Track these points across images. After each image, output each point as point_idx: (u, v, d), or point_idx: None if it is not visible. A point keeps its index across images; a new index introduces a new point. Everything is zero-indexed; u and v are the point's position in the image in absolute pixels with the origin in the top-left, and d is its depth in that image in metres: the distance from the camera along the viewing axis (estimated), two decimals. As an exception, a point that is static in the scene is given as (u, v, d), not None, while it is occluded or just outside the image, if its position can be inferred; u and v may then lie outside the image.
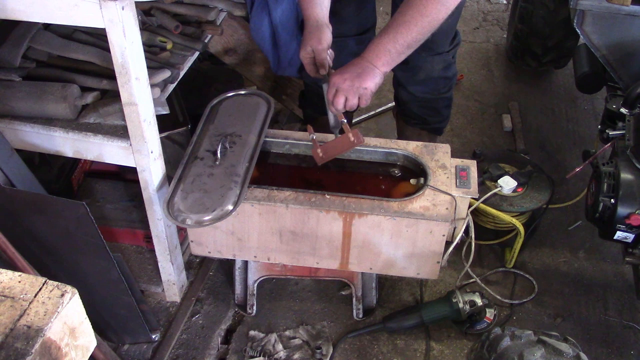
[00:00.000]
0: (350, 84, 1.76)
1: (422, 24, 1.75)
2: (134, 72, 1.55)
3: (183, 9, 2.05)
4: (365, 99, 1.80)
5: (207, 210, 1.70)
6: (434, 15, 1.74)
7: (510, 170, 2.24)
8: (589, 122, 3.02)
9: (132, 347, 2.05)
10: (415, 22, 1.75)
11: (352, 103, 1.79)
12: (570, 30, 2.38)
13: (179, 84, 1.89)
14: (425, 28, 1.76)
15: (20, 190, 1.67)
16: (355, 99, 1.78)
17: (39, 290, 0.94)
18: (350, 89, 1.77)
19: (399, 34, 1.76)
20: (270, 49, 2.18)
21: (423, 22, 1.74)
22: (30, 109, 1.75)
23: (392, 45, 1.76)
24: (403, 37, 1.75)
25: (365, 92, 1.78)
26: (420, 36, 1.77)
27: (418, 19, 1.74)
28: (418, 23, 1.74)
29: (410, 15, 1.75)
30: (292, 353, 2.03)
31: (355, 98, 1.78)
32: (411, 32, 1.75)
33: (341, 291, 2.23)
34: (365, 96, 1.79)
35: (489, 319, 2.05)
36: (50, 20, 1.58)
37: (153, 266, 2.15)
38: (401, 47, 1.77)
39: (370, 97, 1.81)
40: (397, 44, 1.76)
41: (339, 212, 1.79)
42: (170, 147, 2.15)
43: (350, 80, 1.76)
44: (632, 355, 2.05)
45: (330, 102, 1.81)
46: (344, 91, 1.77)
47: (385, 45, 1.77)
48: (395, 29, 1.76)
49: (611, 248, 2.37)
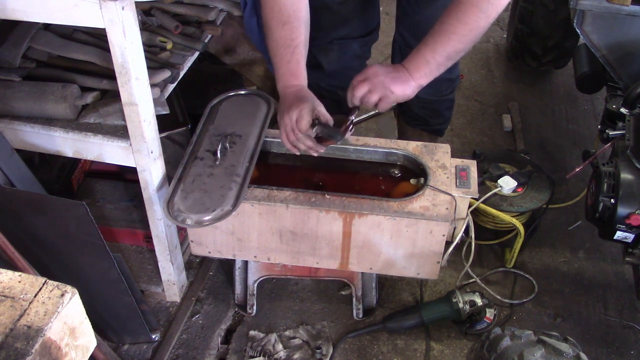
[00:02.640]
0: (381, 80, 1.68)
1: (461, 32, 1.66)
2: (134, 72, 1.55)
3: (183, 9, 2.05)
4: (386, 103, 1.71)
5: (207, 210, 1.70)
6: (473, 23, 1.66)
7: (510, 170, 2.24)
8: (589, 122, 3.02)
9: (132, 347, 2.05)
10: (454, 31, 1.66)
11: (372, 99, 1.70)
12: (570, 30, 2.38)
13: (179, 84, 1.89)
14: (466, 37, 1.67)
15: (20, 190, 1.67)
16: (377, 96, 1.69)
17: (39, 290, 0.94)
18: (379, 85, 1.68)
19: (438, 44, 1.68)
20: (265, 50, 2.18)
21: (463, 30, 1.66)
22: (30, 109, 1.75)
23: (431, 56, 1.68)
24: (442, 47, 1.67)
25: (390, 97, 1.70)
26: (460, 46, 1.68)
27: (458, 27, 1.66)
28: (457, 31, 1.66)
29: (449, 24, 1.67)
30: (292, 353, 2.03)
31: (377, 95, 1.69)
32: (451, 41, 1.67)
33: (341, 291, 2.23)
34: (387, 100, 1.70)
35: (489, 319, 2.05)
36: (50, 20, 1.58)
37: (153, 266, 2.15)
38: (440, 57, 1.68)
39: (390, 105, 1.73)
40: (437, 55, 1.68)
41: (339, 212, 1.79)
42: (170, 147, 2.15)
43: (384, 76, 1.68)
44: (632, 355, 2.05)
45: (353, 86, 1.72)
46: (372, 84, 1.69)
47: (424, 55, 1.69)
48: (435, 38, 1.69)
49: (611, 248, 2.37)
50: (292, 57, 1.79)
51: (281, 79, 1.81)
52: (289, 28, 1.79)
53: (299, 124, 1.72)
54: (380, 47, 2.55)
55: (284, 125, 1.76)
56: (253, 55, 2.48)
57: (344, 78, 2.07)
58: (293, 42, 1.79)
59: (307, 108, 1.72)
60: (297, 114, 1.72)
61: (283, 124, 1.76)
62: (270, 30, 1.82)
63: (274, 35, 1.81)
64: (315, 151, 1.79)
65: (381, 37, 2.37)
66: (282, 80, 1.81)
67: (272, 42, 1.82)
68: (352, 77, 1.78)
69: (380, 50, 3.20)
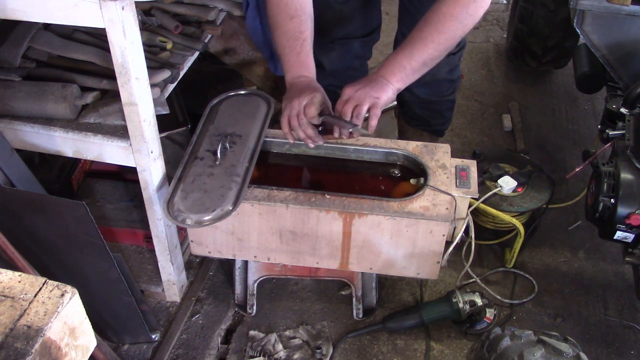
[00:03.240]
0: (362, 92, 1.69)
1: (438, 41, 1.71)
2: (134, 72, 1.55)
3: (183, 9, 2.05)
4: (377, 109, 1.71)
5: (207, 210, 1.70)
6: (451, 32, 1.71)
7: (510, 170, 2.24)
8: (589, 122, 3.02)
9: (132, 347, 2.05)
10: (432, 39, 1.71)
11: (362, 109, 1.69)
12: (570, 30, 2.38)
13: (179, 84, 1.89)
14: (442, 45, 1.72)
15: (20, 190, 1.67)
16: (366, 105, 1.69)
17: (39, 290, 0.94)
18: (362, 97, 1.69)
19: (415, 50, 1.72)
20: (267, 50, 2.18)
21: (440, 39, 1.71)
22: (30, 109, 1.75)
23: (407, 62, 1.72)
24: (419, 53, 1.71)
25: (377, 102, 1.70)
26: (436, 53, 1.73)
27: (435, 36, 1.71)
28: (435, 40, 1.71)
29: (427, 32, 1.72)
30: (292, 353, 2.03)
31: (366, 105, 1.69)
32: (427, 48, 1.71)
33: (341, 291, 2.23)
34: (377, 106, 1.71)
35: (489, 319, 2.05)
36: (50, 20, 1.58)
37: (153, 266, 2.15)
38: (417, 63, 1.72)
39: (381, 109, 1.72)
40: (413, 61, 1.72)
41: (339, 212, 1.79)
42: (170, 147, 2.15)
43: (362, 89, 1.70)
44: (632, 355, 2.05)
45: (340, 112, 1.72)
46: (354, 99, 1.70)
47: (400, 61, 1.72)
48: (412, 45, 1.72)
49: (611, 248, 2.37)
50: (302, 48, 1.80)
51: (291, 69, 1.82)
52: (297, 21, 1.81)
53: (307, 109, 1.72)
54: (380, 47, 2.55)
55: (290, 109, 1.74)
56: (253, 55, 2.48)
57: (344, 78, 2.07)
58: (302, 35, 1.80)
59: (320, 97, 1.73)
60: (308, 99, 1.72)
61: (289, 107, 1.75)
62: (277, 24, 1.83)
63: (282, 28, 1.81)
64: (313, 142, 1.78)
65: (382, 37, 2.37)
66: (292, 71, 1.81)
67: (281, 34, 1.82)
68: (353, 77, 1.78)
69: (380, 50, 3.19)
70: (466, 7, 1.69)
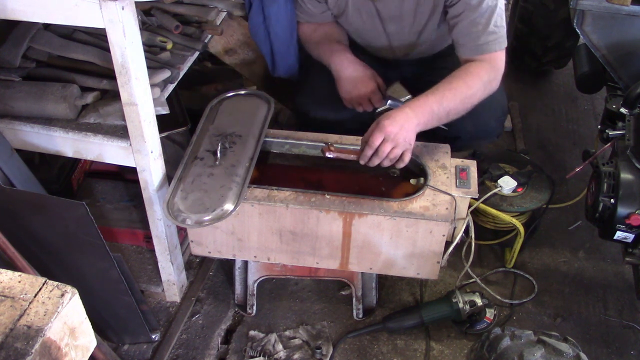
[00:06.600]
0: (400, 136, 1.75)
1: (464, 95, 1.82)
2: (134, 72, 1.55)
3: (183, 9, 2.05)
4: (408, 155, 1.82)
5: (207, 210, 1.70)
6: (475, 90, 1.83)
7: (510, 170, 2.24)
8: (589, 122, 3.02)
9: (132, 347, 2.05)
10: (460, 91, 1.82)
11: (397, 153, 1.78)
12: (570, 30, 2.38)
13: (179, 84, 1.89)
14: (466, 100, 1.83)
15: (20, 190, 1.67)
16: (401, 150, 1.78)
17: (39, 290, 0.94)
18: (400, 141, 1.76)
19: (445, 98, 1.81)
20: (267, 50, 2.18)
21: (466, 93, 1.82)
22: (30, 109, 1.75)
23: (437, 107, 1.80)
24: (448, 101, 1.80)
25: (410, 148, 1.80)
26: (460, 106, 1.83)
27: (463, 90, 1.82)
28: (463, 92, 1.82)
29: (457, 84, 1.83)
30: (292, 353, 2.03)
31: (401, 149, 1.78)
32: (455, 99, 1.82)
33: (341, 291, 2.23)
34: (409, 152, 1.81)
35: (489, 319, 2.05)
36: (50, 20, 1.58)
37: (153, 266, 2.15)
38: (444, 111, 1.81)
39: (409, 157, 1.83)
40: (442, 107, 1.80)
41: (339, 212, 1.79)
42: (170, 147, 2.15)
43: (400, 132, 1.75)
44: (632, 355, 2.05)
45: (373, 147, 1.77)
46: (392, 141, 1.76)
47: (431, 104, 1.80)
48: (443, 92, 1.81)
49: (611, 248, 2.37)
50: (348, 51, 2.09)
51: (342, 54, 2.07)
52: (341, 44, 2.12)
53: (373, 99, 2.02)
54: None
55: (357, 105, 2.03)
56: (253, 55, 2.47)
57: None
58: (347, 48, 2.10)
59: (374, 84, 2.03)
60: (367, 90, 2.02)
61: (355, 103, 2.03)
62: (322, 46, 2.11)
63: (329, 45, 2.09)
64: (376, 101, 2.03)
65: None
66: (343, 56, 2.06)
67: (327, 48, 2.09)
68: None
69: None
70: (488, 72, 1.86)
